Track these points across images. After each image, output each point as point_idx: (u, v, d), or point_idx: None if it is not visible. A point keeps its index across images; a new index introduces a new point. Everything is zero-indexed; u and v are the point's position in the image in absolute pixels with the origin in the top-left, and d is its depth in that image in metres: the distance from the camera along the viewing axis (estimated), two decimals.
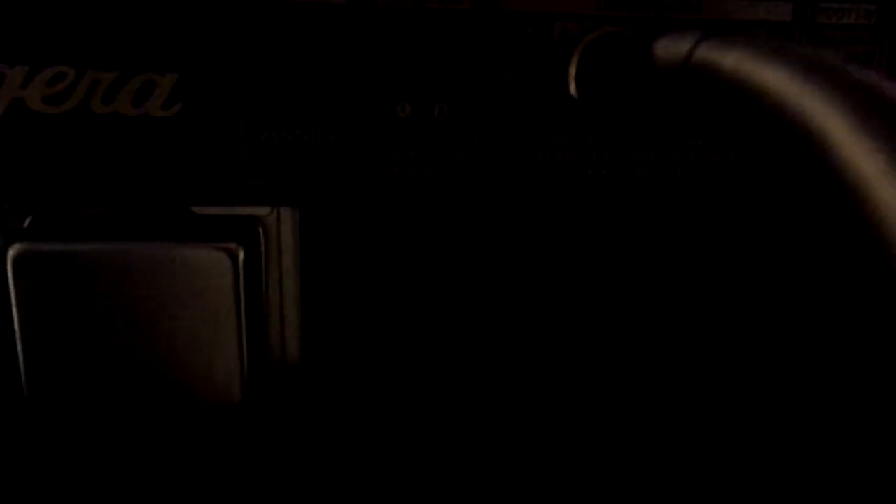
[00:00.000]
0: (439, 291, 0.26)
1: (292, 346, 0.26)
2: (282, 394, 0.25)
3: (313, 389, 0.26)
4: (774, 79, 0.10)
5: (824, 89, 0.09)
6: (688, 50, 0.13)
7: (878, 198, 0.08)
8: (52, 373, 0.22)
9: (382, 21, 0.20)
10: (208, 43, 0.19)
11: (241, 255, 0.22)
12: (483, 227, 0.25)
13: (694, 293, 0.26)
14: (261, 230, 0.24)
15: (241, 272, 0.22)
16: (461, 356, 0.26)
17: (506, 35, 0.21)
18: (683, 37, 0.13)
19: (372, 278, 0.25)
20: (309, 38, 0.20)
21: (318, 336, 0.26)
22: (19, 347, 0.22)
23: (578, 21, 0.21)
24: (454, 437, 0.27)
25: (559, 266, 0.26)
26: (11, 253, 0.21)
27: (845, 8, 0.22)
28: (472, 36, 0.20)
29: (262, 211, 0.24)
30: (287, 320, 0.25)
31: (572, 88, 0.19)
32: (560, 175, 0.22)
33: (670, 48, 0.13)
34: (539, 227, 0.25)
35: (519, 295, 0.26)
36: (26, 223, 0.22)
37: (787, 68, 0.10)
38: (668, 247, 0.26)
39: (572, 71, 0.19)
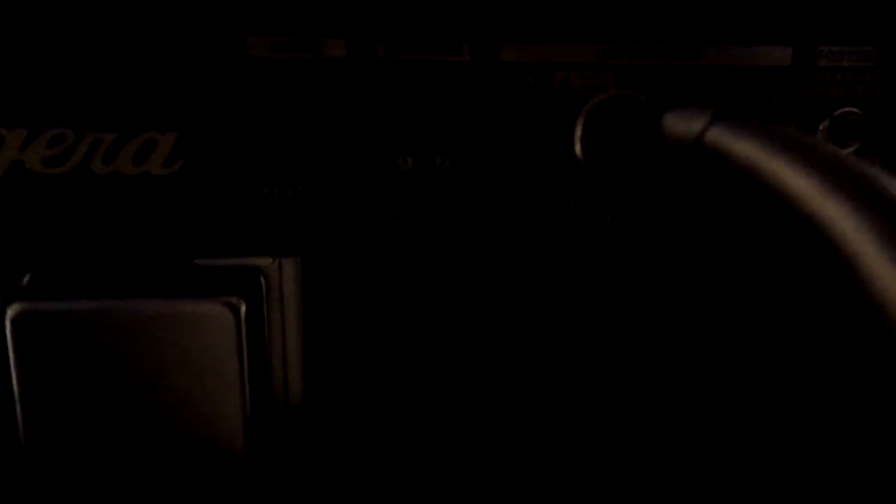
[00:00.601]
0: (440, 335, 0.26)
1: (295, 387, 0.25)
2: (285, 435, 0.25)
3: (316, 429, 0.26)
4: (793, 177, 0.10)
5: (845, 196, 0.09)
6: (699, 130, 0.13)
7: None
8: (51, 427, 0.22)
9: (382, 74, 0.20)
10: (208, 100, 0.19)
11: (243, 309, 0.22)
12: (485, 276, 0.25)
13: (704, 338, 0.26)
14: (262, 280, 0.24)
15: (244, 325, 0.22)
16: (461, 398, 0.26)
17: (506, 86, 0.20)
18: (694, 115, 0.13)
19: (374, 320, 0.25)
20: (309, 92, 0.20)
21: (320, 376, 0.25)
22: (17, 403, 0.22)
23: (579, 70, 0.21)
24: (458, 479, 0.27)
25: (562, 315, 0.25)
26: (10, 312, 0.21)
27: (845, 50, 0.22)
28: (472, 88, 0.20)
29: (264, 261, 0.24)
30: (290, 363, 0.25)
31: (577, 150, 0.19)
32: (563, 223, 0.22)
33: (681, 125, 0.13)
34: (542, 275, 0.25)
35: (518, 341, 0.26)
36: (25, 280, 0.22)
37: (805, 167, 0.10)
38: (674, 289, 0.26)
39: (578, 133, 0.19)
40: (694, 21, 0.21)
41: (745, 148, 0.11)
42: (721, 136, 0.12)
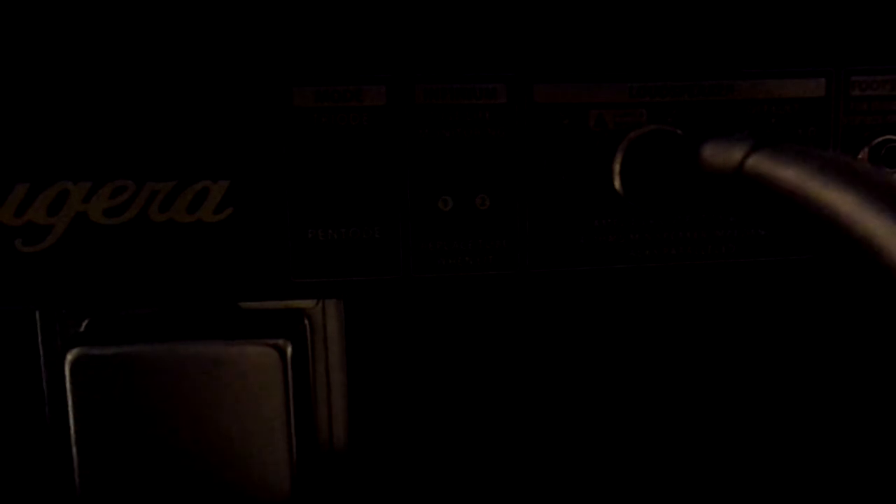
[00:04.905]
0: (485, 376, 0.26)
1: (339, 432, 0.26)
2: (330, 479, 0.25)
3: (360, 473, 0.26)
4: (842, 200, 0.10)
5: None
6: (740, 158, 0.13)
7: None
8: (105, 470, 0.22)
9: (421, 119, 0.21)
10: (257, 149, 0.20)
11: (290, 351, 0.22)
12: (527, 313, 0.25)
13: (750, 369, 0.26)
14: (307, 322, 0.24)
15: (290, 367, 0.22)
16: (507, 441, 0.26)
17: (542, 126, 0.21)
18: (734, 143, 0.13)
19: (417, 362, 0.25)
20: (352, 138, 0.21)
21: (364, 419, 0.26)
22: (73, 446, 0.22)
23: (612, 108, 0.21)
24: None
25: (606, 352, 0.25)
26: (69, 357, 0.21)
27: (878, 80, 0.22)
28: (509, 128, 0.21)
29: (307, 303, 0.24)
30: (334, 407, 0.25)
31: (617, 184, 0.19)
32: (603, 258, 0.22)
33: (721, 154, 0.14)
34: (584, 311, 0.25)
35: (563, 379, 0.26)
36: (82, 327, 0.23)
37: (853, 189, 0.10)
38: (715, 323, 0.25)
39: (616, 167, 0.19)
40: (725, 56, 0.21)
41: (789, 173, 0.11)
42: (762, 163, 0.12)
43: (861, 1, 0.22)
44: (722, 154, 0.13)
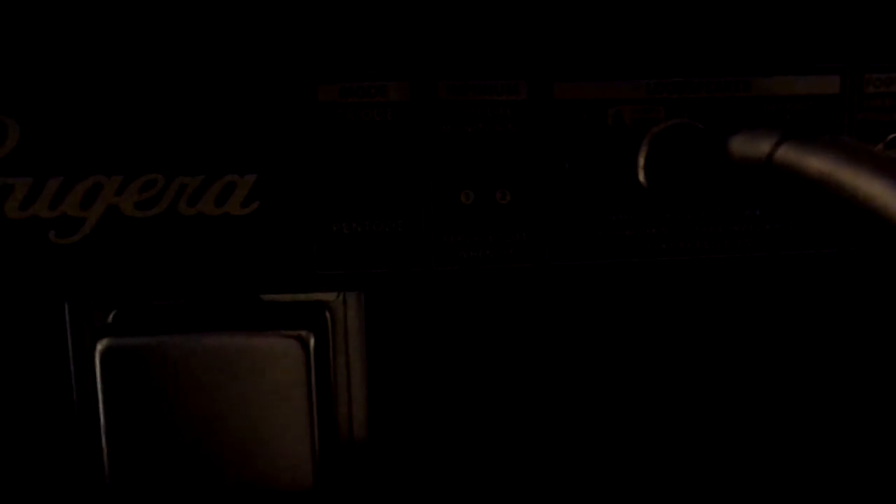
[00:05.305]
0: (505, 369, 0.26)
1: (360, 424, 0.26)
2: (351, 470, 0.26)
3: (381, 464, 0.26)
4: (877, 186, 0.10)
5: None
6: (769, 149, 0.13)
7: None
8: (134, 460, 0.23)
9: (444, 114, 0.21)
10: (283, 144, 0.21)
11: (312, 342, 0.23)
12: (547, 306, 0.25)
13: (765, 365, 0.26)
14: (328, 314, 0.25)
15: (313, 358, 0.23)
16: (526, 432, 0.26)
17: (562, 122, 0.21)
18: (763, 135, 0.14)
19: (438, 355, 0.26)
20: (377, 134, 0.21)
21: (385, 410, 0.26)
22: (103, 436, 0.23)
23: (630, 105, 0.22)
24: None
25: (627, 345, 0.26)
26: (99, 347, 0.22)
27: (892, 77, 0.23)
28: (529, 124, 0.21)
29: (328, 296, 0.25)
30: (354, 399, 0.26)
31: (641, 177, 0.19)
32: (622, 251, 0.22)
33: (750, 146, 0.14)
34: (604, 305, 0.25)
35: (583, 374, 0.26)
36: (110, 318, 0.23)
37: (882, 173, 0.10)
38: (733, 317, 0.26)
39: (641, 161, 0.19)
40: (741, 53, 0.22)
41: (819, 161, 0.12)
42: (792, 153, 0.13)
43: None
44: (751, 145, 0.14)
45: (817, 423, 0.27)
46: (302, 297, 0.24)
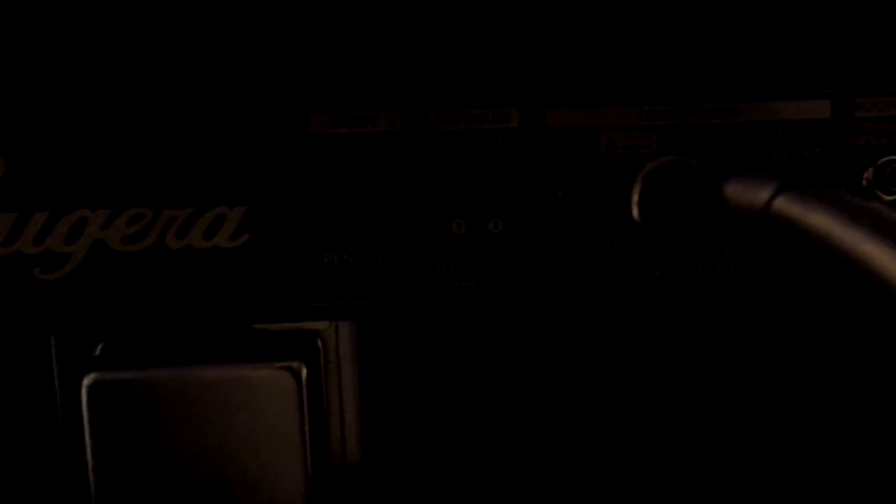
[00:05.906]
0: (497, 396, 0.26)
1: (352, 448, 0.26)
2: (343, 497, 0.25)
3: (374, 491, 0.26)
4: (873, 248, 0.10)
5: None
6: (766, 199, 0.13)
7: None
8: (122, 496, 0.22)
9: (435, 144, 0.21)
10: (272, 176, 0.20)
11: (304, 373, 0.22)
12: (540, 334, 0.25)
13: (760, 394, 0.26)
14: (320, 343, 0.24)
15: (305, 388, 0.22)
16: (519, 458, 0.26)
17: (554, 150, 0.21)
18: (759, 183, 0.14)
19: (429, 381, 0.26)
20: (366, 164, 0.21)
21: (378, 438, 0.26)
22: (91, 472, 0.22)
23: (622, 132, 0.22)
24: None
25: (619, 373, 0.26)
26: (86, 382, 0.21)
27: (883, 102, 0.23)
28: (521, 153, 0.21)
29: (320, 325, 0.24)
30: (347, 426, 0.26)
31: (635, 213, 0.19)
32: (615, 279, 0.22)
33: (746, 194, 0.14)
34: (596, 332, 0.25)
35: (576, 402, 0.26)
36: (97, 351, 0.23)
37: (879, 235, 0.10)
38: (725, 344, 0.26)
39: (635, 197, 0.19)
40: (732, 80, 0.22)
41: (817, 218, 0.11)
42: (789, 206, 0.12)
43: (865, 24, 0.22)
44: (747, 194, 0.14)
45: (817, 456, 0.27)
46: (293, 325, 0.24)
